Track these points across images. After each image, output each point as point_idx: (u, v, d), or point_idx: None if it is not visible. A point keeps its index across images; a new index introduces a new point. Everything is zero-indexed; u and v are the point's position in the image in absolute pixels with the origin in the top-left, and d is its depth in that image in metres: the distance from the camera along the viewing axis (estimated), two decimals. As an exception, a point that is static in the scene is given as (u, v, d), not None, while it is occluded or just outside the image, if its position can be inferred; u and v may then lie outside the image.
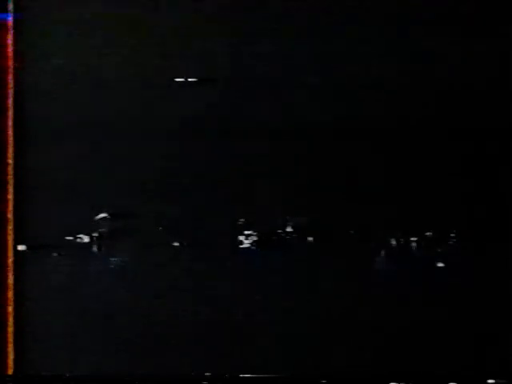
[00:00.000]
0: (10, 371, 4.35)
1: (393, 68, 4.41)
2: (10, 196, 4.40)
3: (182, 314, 4.38)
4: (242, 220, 4.39)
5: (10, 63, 4.44)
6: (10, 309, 4.37)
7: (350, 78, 4.42)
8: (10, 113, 4.43)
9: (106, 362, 4.36)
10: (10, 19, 4.43)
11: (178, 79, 4.45)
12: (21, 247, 4.41)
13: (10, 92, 4.43)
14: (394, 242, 4.35)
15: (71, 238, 4.41)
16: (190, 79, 4.44)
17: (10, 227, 4.40)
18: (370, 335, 4.33)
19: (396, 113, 4.40)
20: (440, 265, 4.33)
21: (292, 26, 4.42)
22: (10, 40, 4.45)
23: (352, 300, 4.34)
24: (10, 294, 4.38)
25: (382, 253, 4.35)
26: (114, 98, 4.46)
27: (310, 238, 4.37)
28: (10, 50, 4.45)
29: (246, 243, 4.38)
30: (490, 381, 4.25)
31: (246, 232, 4.38)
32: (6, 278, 4.39)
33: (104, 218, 4.41)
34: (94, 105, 4.46)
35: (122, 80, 4.47)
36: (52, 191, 4.42)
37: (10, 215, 4.40)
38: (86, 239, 4.40)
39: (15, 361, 4.36)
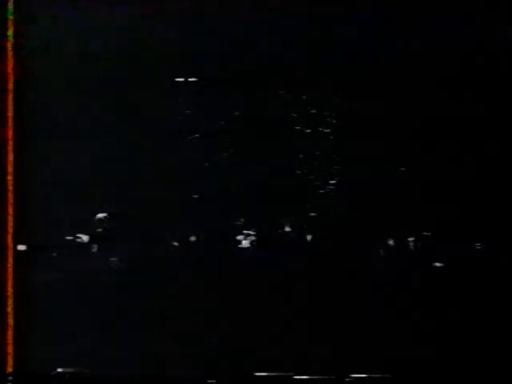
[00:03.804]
0: (10, 370, 4.35)
1: (388, 60, 4.41)
2: (10, 196, 4.41)
3: (181, 314, 4.38)
4: (242, 220, 4.39)
5: (10, 56, 4.46)
6: (10, 309, 4.38)
7: (346, 75, 4.42)
8: (10, 112, 4.43)
9: (106, 362, 4.37)
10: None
11: (178, 79, 4.46)
12: (21, 247, 4.42)
13: (10, 90, 4.44)
14: (392, 242, 4.34)
15: (71, 237, 4.41)
16: (190, 79, 4.45)
17: (10, 227, 4.41)
18: (370, 335, 4.33)
19: (395, 111, 4.40)
20: (440, 265, 4.33)
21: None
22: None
23: (352, 300, 4.34)
24: (10, 294, 4.39)
25: (381, 252, 4.35)
26: (114, 98, 4.46)
27: (310, 238, 4.37)
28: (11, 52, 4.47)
29: (246, 243, 4.38)
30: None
31: (246, 232, 4.38)
32: (6, 277, 4.39)
33: (104, 217, 4.42)
34: (94, 105, 4.47)
35: (123, 80, 4.47)
36: (52, 191, 4.43)
37: (10, 215, 4.40)
38: (86, 239, 4.41)
39: (15, 360, 4.37)
